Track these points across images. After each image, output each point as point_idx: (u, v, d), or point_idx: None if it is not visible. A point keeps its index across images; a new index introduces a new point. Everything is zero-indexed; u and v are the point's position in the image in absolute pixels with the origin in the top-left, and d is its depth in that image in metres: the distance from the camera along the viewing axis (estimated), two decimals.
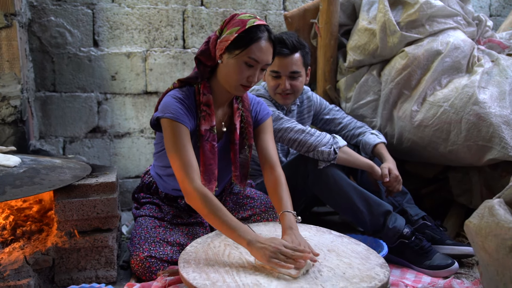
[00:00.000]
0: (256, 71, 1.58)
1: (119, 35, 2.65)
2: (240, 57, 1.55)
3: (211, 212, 1.45)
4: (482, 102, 1.97)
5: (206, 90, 1.66)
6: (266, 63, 1.59)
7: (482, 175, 2.14)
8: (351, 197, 1.86)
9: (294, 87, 2.04)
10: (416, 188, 2.39)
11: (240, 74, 1.57)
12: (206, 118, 1.65)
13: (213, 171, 1.67)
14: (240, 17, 1.58)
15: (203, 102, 1.65)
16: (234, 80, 1.59)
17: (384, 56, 2.34)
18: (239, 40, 1.54)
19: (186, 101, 1.64)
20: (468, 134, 1.99)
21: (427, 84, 2.16)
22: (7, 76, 2.15)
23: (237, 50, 1.55)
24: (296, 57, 2.00)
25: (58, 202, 1.63)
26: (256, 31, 1.55)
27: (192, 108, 1.65)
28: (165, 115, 1.58)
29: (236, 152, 1.74)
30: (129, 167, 2.78)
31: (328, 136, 1.93)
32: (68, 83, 2.60)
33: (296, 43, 2.00)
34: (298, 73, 2.02)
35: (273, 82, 2.05)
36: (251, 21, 1.56)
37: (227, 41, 1.56)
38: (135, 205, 1.93)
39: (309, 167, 1.93)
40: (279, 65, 2.00)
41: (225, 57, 1.59)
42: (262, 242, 1.37)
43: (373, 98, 2.36)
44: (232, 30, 1.56)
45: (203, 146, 1.65)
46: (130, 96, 2.71)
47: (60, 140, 2.63)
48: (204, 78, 1.68)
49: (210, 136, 1.65)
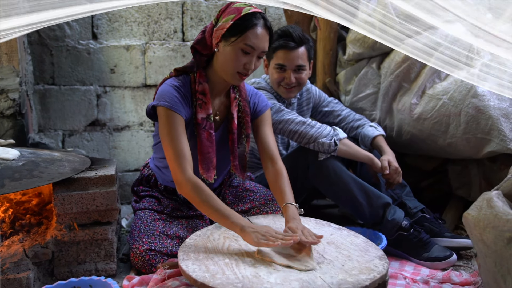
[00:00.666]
0: (252, 58, 1.59)
1: (118, 27, 2.64)
2: (236, 44, 1.56)
3: (204, 201, 1.49)
4: (481, 95, 1.97)
5: (202, 79, 1.67)
6: (262, 50, 1.59)
7: (481, 167, 2.14)
8: (351, 189, 1.87)
9: (299, 80, 2.04)
10: (416, 181, 2.39)
11: (236, 61, 1.58)
12: (203, 106, 1.65)
13: (211, 159, 1.67)
14: (236, 5, 1.60)
15: (198, 90, 1.66)
16: (231, 67, 1.59)
17: (383, 49, 2.33)
18: (235, 27, 1.56)
19: (182, 89, 1.64)
20: (467, 127, 1.99)
21: (426, 77, 2.16)
22: (6, 69, 2.15)
23: (233, 37, 1.56)
24: (302, 50, 2.01)
25: (57, 195, 1.63)
26: (251, 18, 1.57)
27: (188, 96, 1.66)
28: (160, 103, 1.59)
29: (234, 142, 1.75)
30: (129, 160, 2.78)
31: (328, 128, 1.93)
32: (67, 76, 2.59)
33: (302, 37, 2.01)
34: (303, 66, 2.03)
35: (277, 75, 2.04)
36: (247, 8, 1.58)
37: (223, 29, 1.57)
38: (134, 198, 1.93)
39: (309, 159, 1.94)
40: (285, 58, 2.01)
41: (222, 45, 1.60)
42: (254, 227, 1.42)
43: (372, 91, 2.35)
44: (228, 18, 1.57)
45: (200, 134, 1.65)
46: (129, 89, 2.71)
47: (59, 133, 2.63)
48: (200, 67, 1.69)
49: (207, 124, 1.66)
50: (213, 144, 1.67)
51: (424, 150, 2.23)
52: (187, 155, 1.55)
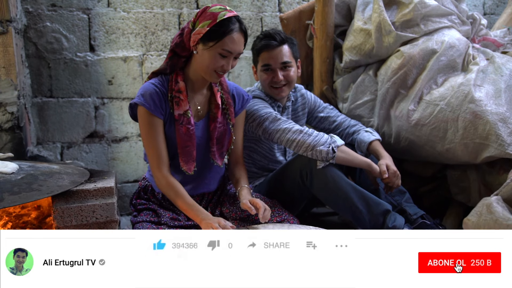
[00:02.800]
0: (229, 60, 1.70)
1: (115, 39, 2.65)
2: (214, 49, 1.66)
3: (176, 196, 1.70)
4: (478, 100, 1.98)
5: (180, 78, 1.77)
6: (238, 53, 1.71)
7: (480, 173, 2.15)
8: (350, 197, 1.87)
9: (287, 78, 2.07)
10: (415, 187, 2.40)
11: (214, 64, 1.68)
12: (180, 103, 1.75)
13: (191, 152, 1.77)
14: (211, 9, 1.68)
15: (175, 89, 1.75)
16: (210, 68, 1.70)
17: (380, 56, 2.34)
18: (212, 33, 1.65)
19: (161, 87, 1.76)
20: (465, 132, 2.00)
21: (423, 83, 2.17)
22: (4, 83, 2.15)
23: (211, 42, 1.66)
24: (285, 48, 2.05)
25: (57, 208, 1.63)
26: (227, 24, 1.65)
27: (166, 94, 1.76)
28: (140, 101, 1.70)
29: (215, 129, 1.83)
30: (127, 171, 2.78)
31: (326, 136, 1.94)
32: (65, 89, 2.60)
33: (283, 36, 2.07)
34: (289, 63, 2.06)
35: (265, 75, 2.07)
36: (222, 13, 1.65)
37: (199, 34, 1.67)
38: (134, 213, 1.93)
39: (308, 167, 1.93)
40: (269, 58, 2.05)
41: (200, 48, 1.69)
42: (210, 219, 1.61)
43: (370, 98, 2.36)
44: (204, 24, 1.66)
45: (178, 129, 1.74)
46: (127, 100, 2.71)
47: (57, 146, 2.63)
48: (175, 70, 1.79)
49: (184, 120, 1.74)
50: (192, 138, 1.76)
51: (423, 156, 2.24)
52: (163, 156, 1.73)
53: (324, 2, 2.48)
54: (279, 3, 2.97)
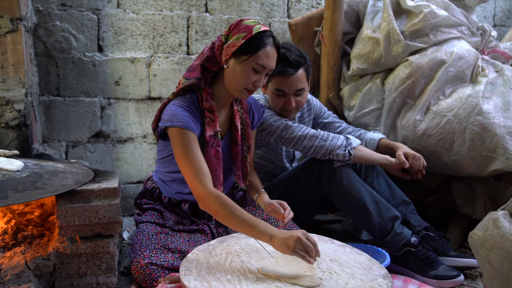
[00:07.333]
0: (262, 76, 1.64)
1: (123, 40, 2.66)
2: (248, 63, 1.60)
3: (229, 214, 1.46)
4: (486, 112, 1.97)
5: (209, 96, 1.68)
6: (270, 69, 1.64)
7: (486, 185, 2.13)
8: (363, 197, 1.88)
9: (298, 103, 2.03)
10: (419, 198, 2.38)
11: (247, 79, 1.62)
12: (210, 124, 1.67)
13: (219, 176, 1.69)
14: (246, 22, 1.62)
15: (206, 108, 1.67)
16: (241, 84, 1.63)
17: (387, 65, 2.33)
18: (246, 46, 1.58)
19: (191, 108, 1.65)
20: (472, 144, 1.98)
21: (430, 93, 2.16)
22: (12, 80, 2.16)
23: (244, 55, 1.59)
24: (300, 73, 1.97)
25: (60, 207, 1.63)
26: (262, 37, 1.60)
27: (197, 114, 1.67)
28: (173, 124, 1.58)
29: (238, 152, 1.78)
30: (131, 172, 2.78)
31: (341, 138, 1.95)
32: (72, 88, 2.60)
33: (300, 59, 1.96)
34: (303, 89, 2.01)
35: (277, 99, 2.01)
36: (257, 27, 1.60)
37: (233, 46, 1.60)
38: (137, 211, 1.93)
39: (323, 165, 1.96)
40: (284, 84, 1.97)
41: (231, 62, 1.62)
42: (284, 234, 1.37)
43: (376, 107, 2.36)
44: (238, 36, 1.59)
45: (208, 152, 1.66)
46: (134, 101, 2.72)
47: (63, 145, 2.63)
48: (207, 84, 1.70)
49: (214, 142, 1.68)
50: (220, 161, 1.69)
51: (428, 166, 2.22)
52: (206, 170, 1.55)
53: (333, 9, 2.48)
54: (288, 9, 2.97)
